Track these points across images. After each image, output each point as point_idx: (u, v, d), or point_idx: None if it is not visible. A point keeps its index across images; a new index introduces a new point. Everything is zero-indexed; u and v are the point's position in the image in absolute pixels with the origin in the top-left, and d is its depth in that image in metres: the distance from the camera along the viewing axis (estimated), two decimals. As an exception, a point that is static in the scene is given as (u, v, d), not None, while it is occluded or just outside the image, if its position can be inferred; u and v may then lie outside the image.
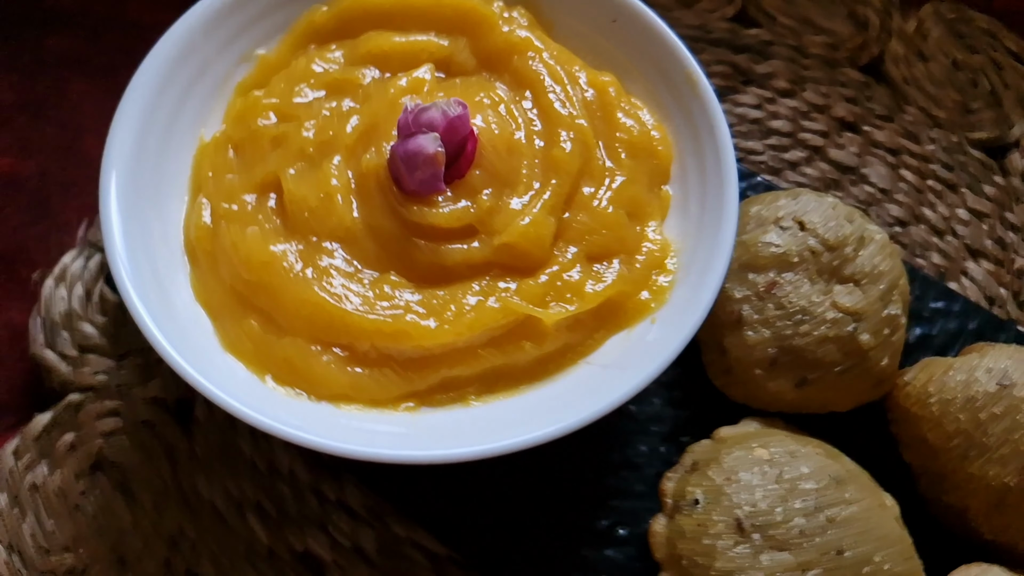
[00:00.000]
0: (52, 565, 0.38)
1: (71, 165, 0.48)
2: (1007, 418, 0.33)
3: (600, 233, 0.35)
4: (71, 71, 0.34)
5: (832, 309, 0.36)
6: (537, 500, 0.37)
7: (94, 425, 0.41)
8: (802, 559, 0.30)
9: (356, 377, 0.33)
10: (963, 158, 0.51)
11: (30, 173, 0.47)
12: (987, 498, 0.33)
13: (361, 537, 0.39)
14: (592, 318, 0.34)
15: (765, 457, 0.33)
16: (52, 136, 0.48)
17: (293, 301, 0.33)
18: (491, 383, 0.34)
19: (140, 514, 0.39)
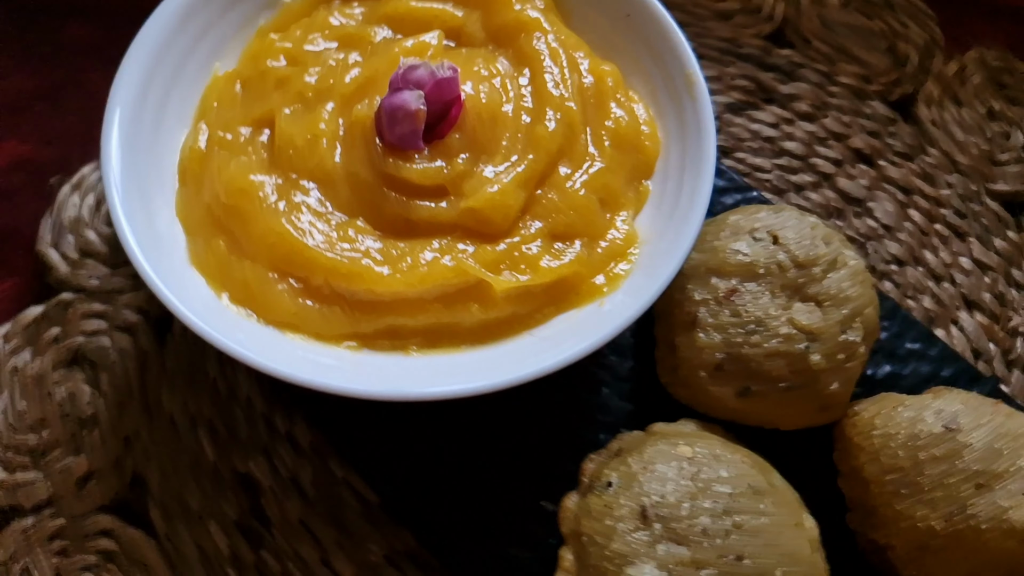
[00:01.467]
0: (16, 442, 0.41)
1: (89, 152, 0.48)
2: (946, 462, 0.33)
3: (567, 213, 0.36)
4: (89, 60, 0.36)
5: (787, 325, 0.36)
6: (473, 468, 0.38)
7: (79, 323, 0.43)
8: (698, 556, 0.30)
9: (305, 309, 0.34)
10: (978, 207, 0.50)
11: (48, 160, 0.48)
12: (911, 539, 0.32)
13: (300, 470, 0.41)
14: (543, 293, 0.35)
15: (687, 454, 0.33)
16: (70, 124, 0.49)
17: (260, 228, 0.34)
18: (434, 338, 0.35)
19: (103, 411, 0.41)
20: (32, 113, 0.49)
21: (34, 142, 0.48)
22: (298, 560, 0.39)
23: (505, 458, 0.38)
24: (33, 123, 0.49)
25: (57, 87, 0.50)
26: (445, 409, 0.39)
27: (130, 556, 0.38)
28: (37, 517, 0.39)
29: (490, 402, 0.39)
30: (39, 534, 0.39)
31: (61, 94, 0.50)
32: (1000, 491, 0.32)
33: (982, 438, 0.33)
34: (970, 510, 0.32)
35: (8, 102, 0.50)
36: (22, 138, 0.48)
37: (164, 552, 0.39)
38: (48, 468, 0.40)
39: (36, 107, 0.50)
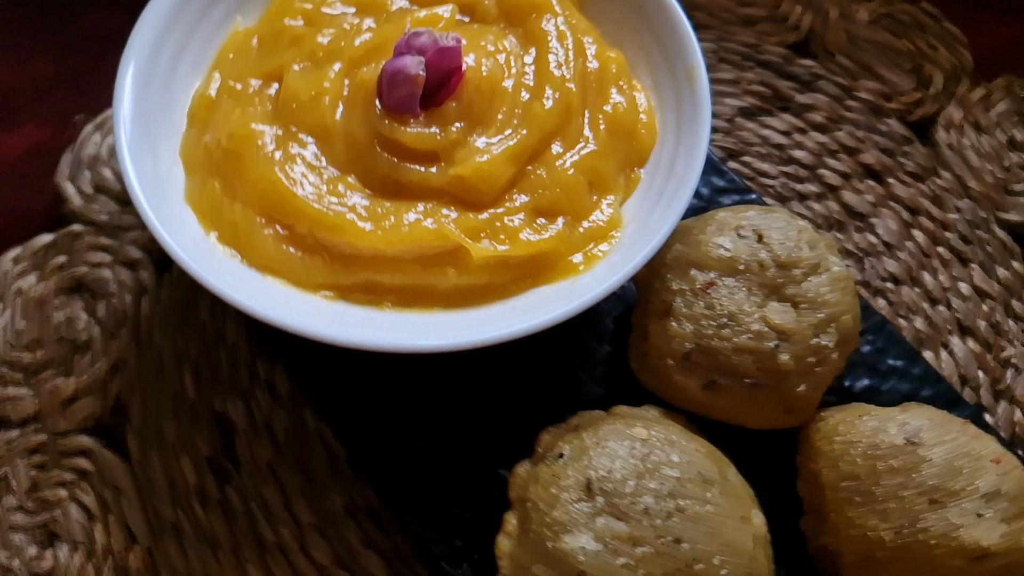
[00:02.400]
0: (12, 358, 0.42)
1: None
2: (903, 474, 0.32)
3: (553, 191, 0.37)
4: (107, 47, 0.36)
5: (760, 322, 0.36)
6: (439, 431, 0.39)
7: (85, 254, 0.45)
8: (636, 533, 0.30)
9: (288, 255, 0.35)
10: (985, 235, 0.49)
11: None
12: (860, 547, 0.32)
13: (275, 417, 0.42)
14: (519, 265, 0.36)
15: (642, 436, 0.33)
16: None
17: (254, 174, 0.36)
18: (409, 297, 0.35)
19: (96, 338, 0.43)
20: (51, 99, 0.50)
21: (52, 128, 0.49)
22: (261, 501, 0.40)
23: (471, 425, 0.39)
24: (51, 109, 0.49)
25: (76, 74, 0.51)
26: (418, 372, 0.40)
27: (103, 477, 0.40)
28: (22, 431, 0.41)
29: (462, 370, 0.40)
30: (22, 447, 0.40)
31: (80, 81, 0.51)
32: (953, 509, 0.31)
33: (943, 454, 0.32)
34: (921, 524, 0.31)
35: (27, 88, 0.50)
36: (40, 123, 0.49)
37: (135, 477, 0.40)
38: (38, 386, 0.42)
39: (55, 93, 0.50)
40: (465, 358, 0.40)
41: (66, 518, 0.39)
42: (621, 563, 0.30)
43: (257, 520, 0.39)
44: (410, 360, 0.39)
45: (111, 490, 0.40)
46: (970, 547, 0.30)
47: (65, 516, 0.39)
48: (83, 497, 0.40)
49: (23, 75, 0.51)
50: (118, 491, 0.40)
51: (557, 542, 0.30)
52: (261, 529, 0.39)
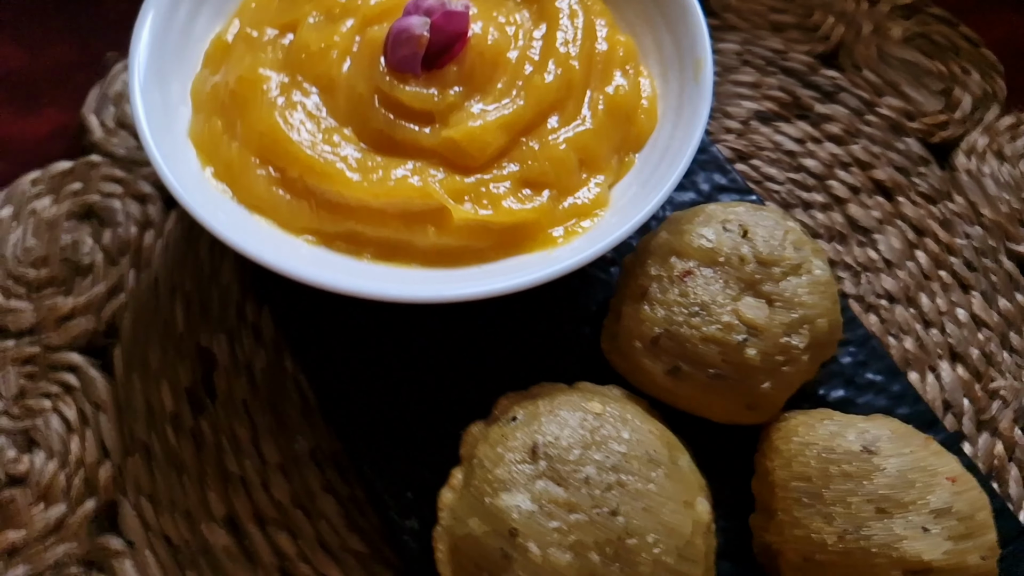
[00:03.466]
0: (18, 273, 0.45)
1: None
2: (854, 481, 0.32)
3: (542, 163, 0.37)
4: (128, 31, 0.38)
5: (732, 315, 0.35)
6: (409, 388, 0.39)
7: (98, 184, 0.47)
8: (573, 500, 0.30)
9: (277, 197, 0.36)
10: (991, 264, 0.48)
11: None
12: (801, 548, 0.32)
13: (255, 357, 0.43)
14: (498, 232, 0.36)
15: (596, 410, 0.33)
16: None
17: (254, 116, 0.37)
18: (388, 251, 0.36)
19: (98, 263, 0.45)
20: (72, 83, 0.50)
21: (73, 111, 0.49)
22: (231, 435, 0.41)
23: (440, 386, 0.39)
24: (72, 94, 0.50)
25: (97, 58, 0.51)
26: (395, 331, 0.40)
27: (87, 393, 0.42)
28: (17, 342, 0.43)
29: (438, 333, 0.40)
30: (15, 355, 0.42)
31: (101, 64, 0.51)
32: (900, 520, 0.31)
33: (898, 466, 0.32)
34: (864, 531, 0.31)
35: (49, 72, 0.51)
36: (61, 108, 0.50)
37: (116, 397, 0.42)
38: (38, 302, 0.44)
39: (76, 78, 0.50)
40: (441, 323, 0.40)
41: (47, 427, 0.41)
42: (553, 526, 0.30)
43: (225, 452, 0.41)
44: (388, 318, 0.40)
45: (92, 406, 0.41)
46: (911, 559, 0.30)
47: (46, 425, 0.41)
48: (65, 410, 0.41)
49: (44, 59, 0.51)
50: (98, 408, 0.41)
51: (495, 498, 0.30)
52: (227, 461, 0.40)
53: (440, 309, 0.40)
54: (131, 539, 0.39)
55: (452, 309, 0.40)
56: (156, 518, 0.39)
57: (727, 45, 0.56)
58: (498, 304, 0.41)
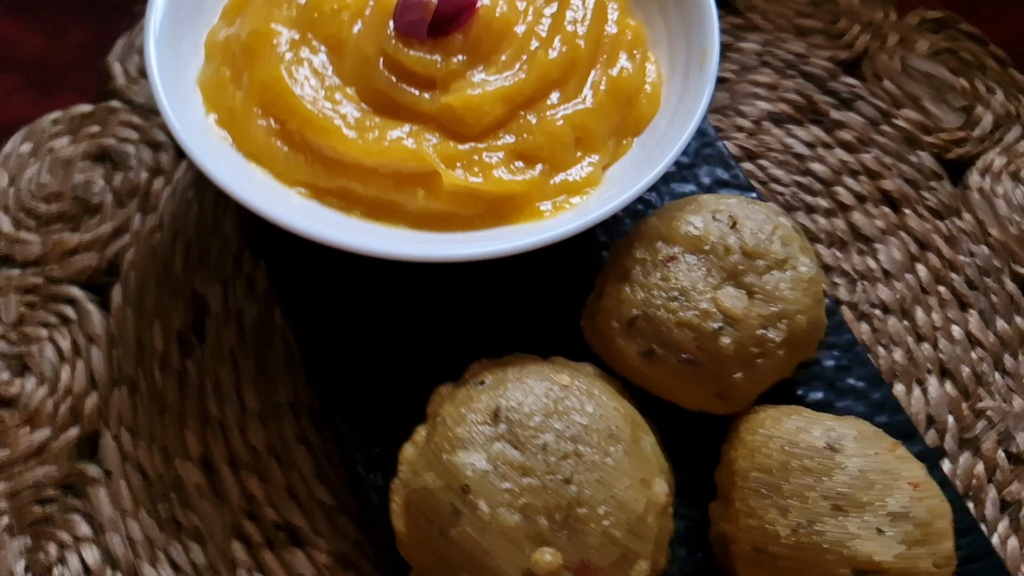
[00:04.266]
0: (30, 206, 0.46)
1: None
2: (813, 476, 0.32)
3: (537, 137, 0.37)
4: None
5: (710, 303, 0.35)
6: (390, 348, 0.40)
7: (115, 129, 0.49)
8: (527, 464, 0.31)
9: (275, 148, 0.37)
10: (994, 284, 0.47)
11: None
12: (754, 538, 0.32)
13: (247, 308, 0.44)
14: (487, 202, 0.36)
15: (563, 382, 0.33)
16: None
17: (261, 68, 0.38)
18: (377, 210, 0.37)
19: (107, 204, 0.46)
20: (89, 68, 0.51)
21: (92, 95, 0.50)
22: (215, 380, 0.42)
23: (419, 349, 0.40)
24: (90, 78, 0.50)
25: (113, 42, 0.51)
26: (381, 292, 0.41)
27: (82, 326, 0.43)
28: (22, 271, 0.44)
29: (422, 298, 0.41)
30: (18, 284, 0.44)
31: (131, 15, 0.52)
32: (855, 519, 0.30)
33: (860, 465, 0.31)
34: (818, 527, 0.30)
35: (66, 57, 0.51)
36: (79, 91, 0.50)
37: (109, 333, 0.43)
38: (46, 235, 0.45)
39: (96, 62, 0.51)
40: (426, 288, 0.41)
41: (40, 355, 0.42)
42: (505, 487, 0.30)
43: (207, 395, 0.42)
44: (375, 280, 0.41)
45: (86, 339, 0.43)
46: (861, 559, 0.30)
47: (40, 353, 0.42)
48: (60, 340, 0.43)
49: (63, 44, 0.52)
50: (91, 341, 0.43)
51: (452, 455, 0.31)
52: (208, 404, 0.41)
53: (426, 275, 0.41)
54: (108, 468, 0.40)
55: (437, 275, 0.40)
56: (134, 450, 0.40)
57: (748, 45, 0.55)
58: (484, 275, 0.41)
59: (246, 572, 0.38)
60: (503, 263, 0.41)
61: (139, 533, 0.38)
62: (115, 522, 0.38)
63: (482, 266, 0.41)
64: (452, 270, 0.41)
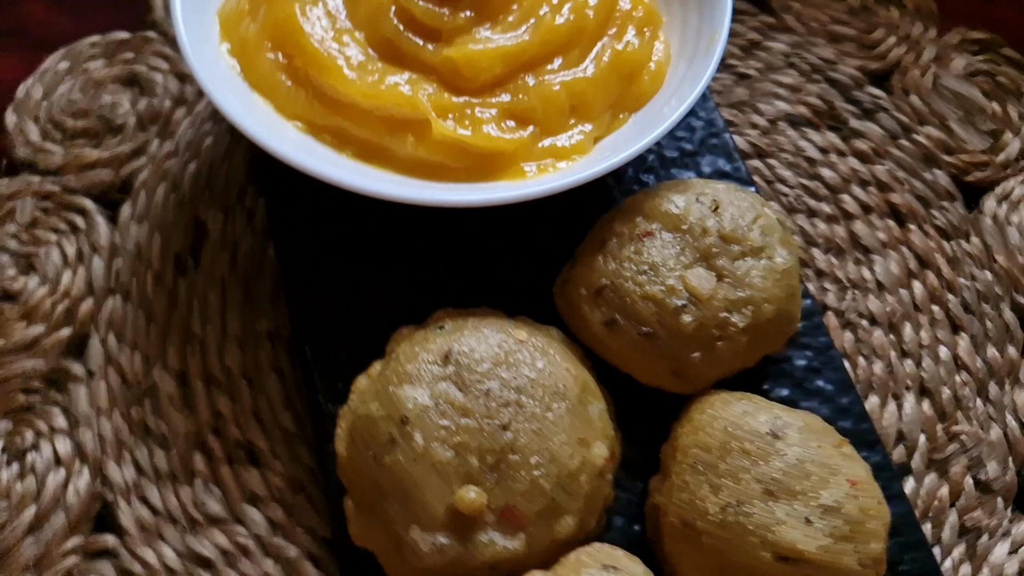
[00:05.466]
0: (59, 119, 0.49)
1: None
2: (750, 459, 0.31)
3: (532, 99, 0.38)
4: None
5: (678, 280, 0.35)
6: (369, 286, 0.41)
7: (148, 58, 0.51)
8: (468, 406, 0.31)
9: (279, 81, 0.38)
10: (991, 311, 0.45)
11: None
12: (684, 513, 0.32)
13: (243, 239, 0.46)
14: (474, 156, 0.37)
15: (520, 337, 0.34)
16: None
17: (278, 5, 0.39)
18: (368, 152, 0.38)
19: (129, 125, 0.49)
20: None
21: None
22: (203, 302, 0.44)
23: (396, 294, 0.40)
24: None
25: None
26: (369, 234, 0.42)
27: (89, 236, 0.45)
28: (43, 178, 0.47)
29: (406, 244, 0.42)
30: (36, 190, 0.47)
31: None
32: (784, 506, 0.30)
33: (799, 455, 0.31)
34: (746, 508, 0.30)
35: None
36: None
37: (113, 246, 0.45)
38: (69, 148, 0.48)
39: None
40: (411, 237, 0.42)
41: (47, 257, 0.45)
42: (443, 423, 0.31)
43: (193, 314, 0.43)
44: (364, 224, 0.42)
45: (90, 248, 0.45)
46: (783, 545, 0.29)
47: (46, 256, 0.45)
48: (67, 246, 0.45)
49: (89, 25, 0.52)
50: (95, 251, 0.45)
51: (398, 388, 0.32)
52: (193, 323, 0.43)
53: (411, 225, 0.42)
54: (91, 369, 0.42)
55: (421, 226, 0.41)
56: (118, 355, 0.42)
57: (776, 45, 0.55)
58: (467, 231, 0.42)
59: (203, 483, 0.39)
60: (487, 223, 0.42)
61: (110, 432, 0.40)
62: (90, 419, 0.41)
63: (465, 223, 0.42)
64: (435, 223, 0.42)
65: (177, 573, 0.37)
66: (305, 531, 0.38)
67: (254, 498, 0.39)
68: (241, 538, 0.38)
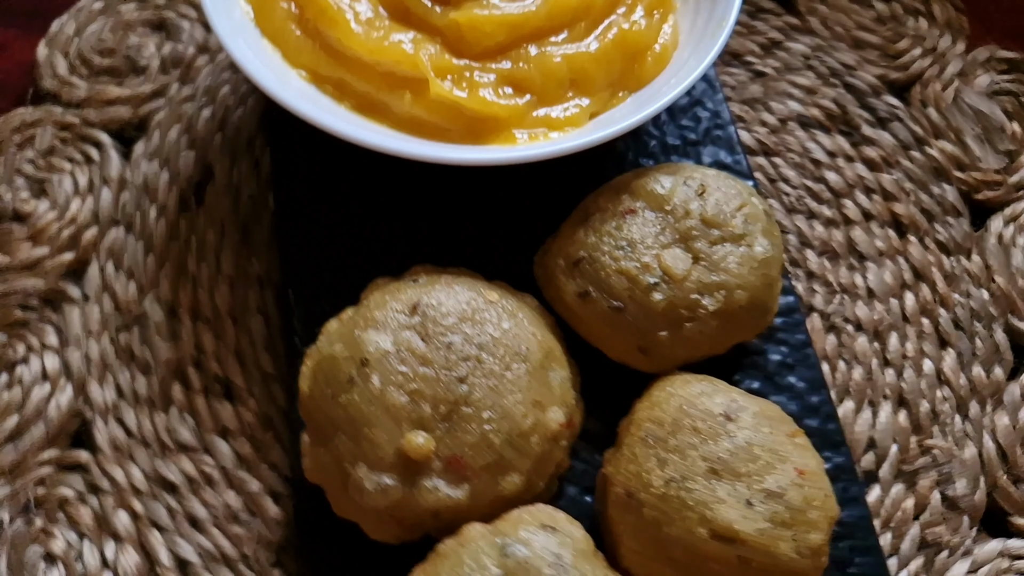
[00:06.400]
0: (87, 56, 0.51)
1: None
2: (699, 437, 0.31)
3: (531, 68, 0.38)
4: None
5: (654, 259, 0.36)
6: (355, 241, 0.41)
7: (179, 6, 0.53)
8: (428, 356, 0.32)
9: (288, 30, 0.40)
10: (982, 330, 0.45)
11: None
12: (628, 483, 0.31)
13: (245, 184, 0.47)
14: (467, 119, 0.38)
15: (491, 297, 0.34)
16: None
17: (296, -43, 0.40)
18: (366, 106, 0.39)
19: (152, 67, 0.51)
20: None
21: None
22: (201, 240, 0.45)
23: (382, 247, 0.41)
24: None
25: None
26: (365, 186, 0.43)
27: (102, 168, 0.47)
28: (64, 110, 0.49)
29: (398, 200, 0.43)
30: (57, 119, 0.48)
31: None
32: (726, 486, 0.30)
33: (748, 439, 0.31)
34: (688, 484, 0.31)
35: None
36: None
37: (123, 178, 0.47)
38: (93, 83, 0.50)
39: None
40: (405, 192, 0.43)
41: (59, 184, 0.47)
42: (401, 369, 0.32)
43: (190, 251, 0.45)
44: (361, 179, 0.43)
45: (101, 180, 0.47)
46: (720, 524, 0.30)
47: (59, 183, 0.47)
48: (79, 176, 0.47)
49: None
50: (104, 182, 0.47)
51: (363, 332, 0.33)
52: (188, 259, 0.45)
53: (406, 183, 0.42)
54: (87, 293, 0.44)
55: (417, 186, 0.42)
56: (114, 281, 0.44)
57: (797, 46, 0.54)
58: (460, 195, 0.43)
59: (178, 411, 0.41)
60: (479, 190, 0.43)
61: (96, 354, 0.42)
62: (80, 340, 0.42)
63: (458, 187, 0.43)
64: (429, 184, 0.43)
65: (143, 494, 0.39)
66: (269, 467, 0.40)
67: (224, 431, 0.40)
68: (207, 467, 0.39)
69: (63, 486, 0.39)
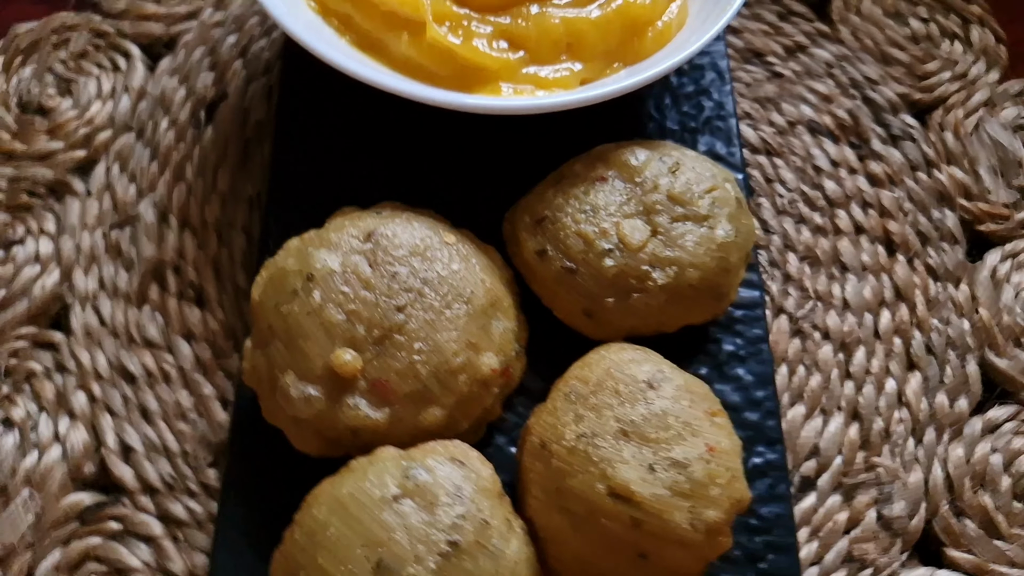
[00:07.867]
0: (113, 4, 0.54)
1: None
2: (618, 399, 0.31)
3: (528, 26, 0.39)
4: None
5: (613, 226, 0.36)
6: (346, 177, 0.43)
7: (223, -66, 0.55)
8: (373, 281, 0.33)
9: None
10: (955, 360, 0.44)
11: None
12: (543, 435, 0.32)
13: (256, 108, 0.49)
14: (459, 67, 0.39)
15: (448, 240, 0.35)
16: None
17: None
18: (367, 44, 0.40)
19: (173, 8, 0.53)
20: None
21: None
22: (203, 154, 0.47)
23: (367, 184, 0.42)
24: None
25: None
26: (362, 122, 0.44)
27: (127, 76, 0.50)
28: (103, 19, 0.52)
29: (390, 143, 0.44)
30: (94, 27, 0.51)
31: None
32: (632, 448, 0.31)
33: (665, 407, 0.31)
34: (597, 441, 0.31)
35: None
36: None
37: (143, 89, 0.49)
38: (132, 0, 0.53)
39: None
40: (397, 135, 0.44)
41: (84, 87, 0.49)
42: (343, 290, 0.33)
43: (190, 162, 0.47)
44: (358, 109, 0.44)
45: (123, 88, 0.49)
46: (618, 482, 0.30)
47: (84, 85, 0.49)
48: (104, 81, 0.50)
49: None
50: (126, 91, 0.49)
51: (316, 249, 0.34)
52: (187, 170, 0.46)
53: (399, 122, 0.44)
54: (90, 189, 0.46)
55: (408, 128, 0.43)
56: (116, 182, 0.46)
57: (822, 52, 0.54)
58: (447, 142, 0.43)
59: (150, 309, 0.43)
60: (466, 142, 0.44)
61: (87, 246, 0.44)
62: (75, 230, 0.45)
63: (445, 136, 0.44)
64: (418, 129, 0.44)
65: (103, 379, 0.41)
66: (225, 376, 0.41)
67: (189, 334, 0.42)
68: (167, 365, 0.41)
69: (33, 361, 0.41)
